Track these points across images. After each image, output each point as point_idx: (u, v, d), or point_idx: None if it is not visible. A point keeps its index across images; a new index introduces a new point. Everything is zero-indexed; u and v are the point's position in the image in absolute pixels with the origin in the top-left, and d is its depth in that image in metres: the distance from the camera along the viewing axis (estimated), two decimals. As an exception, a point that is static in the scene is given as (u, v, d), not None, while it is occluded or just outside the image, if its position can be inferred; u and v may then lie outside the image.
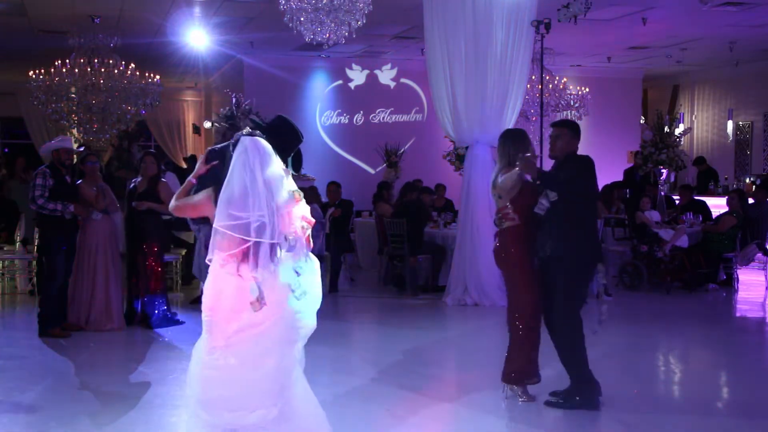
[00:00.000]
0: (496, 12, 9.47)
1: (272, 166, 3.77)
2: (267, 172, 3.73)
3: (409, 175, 14.68)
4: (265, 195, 3.70)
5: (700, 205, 12.22)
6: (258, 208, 3.68)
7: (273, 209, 3.71)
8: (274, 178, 3.74)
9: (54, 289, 7.73)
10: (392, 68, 16.73)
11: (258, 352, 3.74)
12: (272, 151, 3.83)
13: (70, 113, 14.15)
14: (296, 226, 3.81)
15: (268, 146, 3.82)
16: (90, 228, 8.03)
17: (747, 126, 16.88)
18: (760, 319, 9.93)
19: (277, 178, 3.76)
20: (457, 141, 10.21)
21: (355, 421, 5.22)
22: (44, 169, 7.72)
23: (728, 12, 11.72)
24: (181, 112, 20.79)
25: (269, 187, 3.72)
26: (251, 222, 3.67)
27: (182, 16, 12.14)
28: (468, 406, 5.60)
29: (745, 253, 11.13)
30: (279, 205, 3.72)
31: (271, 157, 3.80)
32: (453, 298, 9.69)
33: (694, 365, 7.46)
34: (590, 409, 5.44)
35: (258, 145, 3.79)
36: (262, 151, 3.78)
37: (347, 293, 10.71)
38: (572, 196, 5.41)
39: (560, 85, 14.62)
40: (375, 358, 7.16)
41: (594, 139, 17.34)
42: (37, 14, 12.29)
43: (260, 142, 3.82)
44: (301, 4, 8.60)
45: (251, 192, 3.68)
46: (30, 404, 5.59)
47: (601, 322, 6.30)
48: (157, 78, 14.37)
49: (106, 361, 7.14)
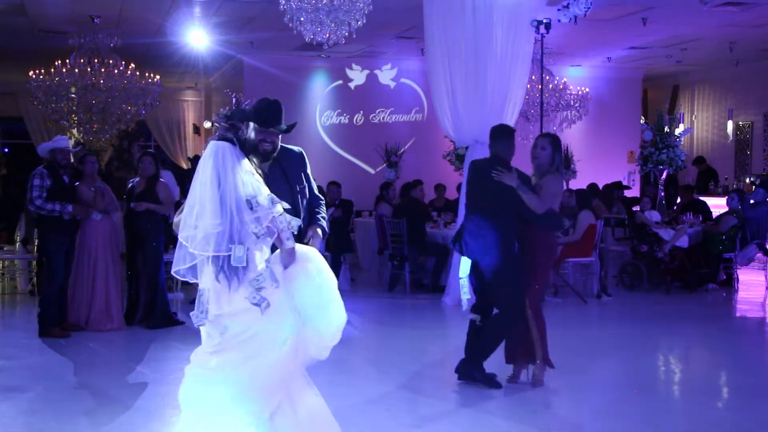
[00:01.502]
0: (496, 12, 9.46)
1: (236, 173, 3.55)
2: (229, 179, 3.54)
3: (409, 175, 14.68)
4: (219, 204, 3.51)
5: (700, 205, 12.22)
6: (213, 217, 3.49)
7: (231, 218, 3.50)
8: (234, 186, 3.54)
9: (54, 289, 7.73)
10: (392, 68, 16.72)
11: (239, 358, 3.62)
12: (234, 157, 3.59)
13: (70, 113, 14.16)
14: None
15: (229, 151, 3.59)
16: (90, 228, 8.03)
17: (747, 126, 16.88)
18: (760, 319, 9.92)
19: (238, 186, 3.54)
20: (457, 141, 10.20)
21: (355, 421, 5.22)
22: (41, 170, 7.71)
23: (728, 12, 11.72)
24: (181, 112, 20.78)
25: (227, 196, 3.51)
26: (196, 234, 3.51)
27: (182, 16, 12.14)
28: (468, 406, 5.60)
29: (745, 253, 11.13)
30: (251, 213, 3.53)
31: (234, 163, 3.57)
32: (453, 298, 9.69)
33: (694, 365, 7.46)
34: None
35: (218, 151, 3.57)
36: (221, 157, 3.56)
37: (347, 293, 10.69)
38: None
39: (560, 85, 14.62)
40: (375, 358, 7.17)
41: (594, 139, 17.37)
42: (37, 14, 12.29)
43: (220, 147, 3.59)
44: (301, 4, 8.60)
45: (198, 201, 3.52)
46: (29, 404, 5.59)
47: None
48: (157, 78, 14.37)
49: (106, 361, 7.13)
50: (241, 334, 3.60)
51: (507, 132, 6.16)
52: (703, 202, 12.41)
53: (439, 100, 10.05)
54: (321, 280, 3.84)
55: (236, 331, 3.60)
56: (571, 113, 14.88)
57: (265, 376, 3.62)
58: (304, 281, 3.76)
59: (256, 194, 3.55)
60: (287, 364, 3.69)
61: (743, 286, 11.32)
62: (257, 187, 3.58)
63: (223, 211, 3.51)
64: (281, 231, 3.60)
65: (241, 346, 3.60)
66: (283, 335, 3.65)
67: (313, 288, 3.81)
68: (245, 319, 3.59)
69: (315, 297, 3.83)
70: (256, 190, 3.57)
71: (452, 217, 11.35)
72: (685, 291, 10.83)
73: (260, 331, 3.60)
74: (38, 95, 13.81)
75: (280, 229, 3.60)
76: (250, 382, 3.58)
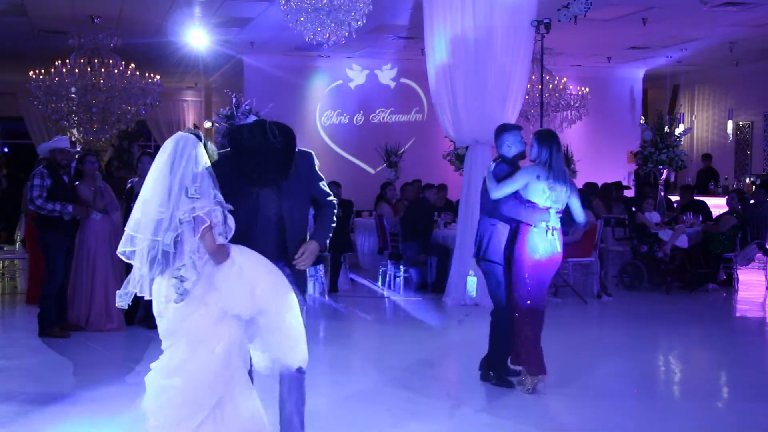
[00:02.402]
0: (496, 12, 9.46)
1: (188, 165, 3.65)
2: (181, 169, 3.64)
3: (409, 175, 14.68)
4: (168, 192, 3.62)
5: (701, 205, 12.21)
6: (158, 204, 3.62)
7: (174, 206, 3.61)
8: (183, 177, 3.63)
9: (54, 289, 7.72)
10: (392, 68, 16.73)
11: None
12: (193, 149, 3.69)
13: (70, 113, 14.15)
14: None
15: (190, 143, 3.70)
16: (89, 228, 8.02)
17: (747, 126, 16.88)
18: (760, 319, 9.92)
19: (186, 176, 3.64)
20: (457, 141, 10.20)
21: (355, 421, 5.22)
22: (41, 170, 7.70)
23: (728, 12, 11.72)
24: (181, 112, 20.78)
25: (175, 184, 3.62)
26: (141, 218, 3.65)
27: (182, 16, 12.14)
28: (468, 406, 5.60)
29: (745, 253, 11.13)
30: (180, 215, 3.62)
31: (190, 155, 3.67)
32: (453, 298, 9.69)
33: (694, 365, 7.46)
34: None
35: (179, 141, 3.70)
36: (180, 147, 3.68)
37: (347, 293, 10.71)
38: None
39: (560, 85, 14.62)
40: (375, 358, 7.17)
41: (594, 139, 17.37)
42: (37, 14, 12.29)
43: (182, 137, 3.72)
44: (301, 4, 8.60)
45: (151, 187, 3.66)
46: (29, 404, 5.58)
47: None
48: (157, 78, 14.37)
49: (106, 361, 7.13)
50: (170, 336, 3.71)
51: (498, 130, 6.23)
52: (703, 202, 12.40)
53: (439, 100, 10.05)
54: (287, 319, 3.82)
55: (166, 329, 3.72)
56: (571, 113, 14.89)
57: (195, 381, 3.67)
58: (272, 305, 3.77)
59: (200, 186, 3.64)
60: (218, 368, 3.69)
61: (743, 286, 11.32)
62: (207, 182, 3.66)
63: (170, 199, 3.62)
64: (214, 225, 3.65)
65: (172, 349, 3.71)
66: (216, 339, 3.68)
67: (276, 316, 3.80)
68: (173, 318, 3.68)
69: (275, 327, 3.80)
70: (203, 184, 3.65)
71: (452, 217, 11.35)
72: (685, 291, 10.82)
73: (189, 329, 3.67)
74: (38, 95, 13.81)
75: (213, 223, 3.64)
76: (183, 385, 3.66)
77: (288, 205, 4.03)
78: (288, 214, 4.04)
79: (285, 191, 4.02)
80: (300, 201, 4.09)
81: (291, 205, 4.04)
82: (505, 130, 6.23)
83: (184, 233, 3.62)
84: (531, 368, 5.80)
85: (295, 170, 4.00)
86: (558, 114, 14.77)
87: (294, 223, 4.06)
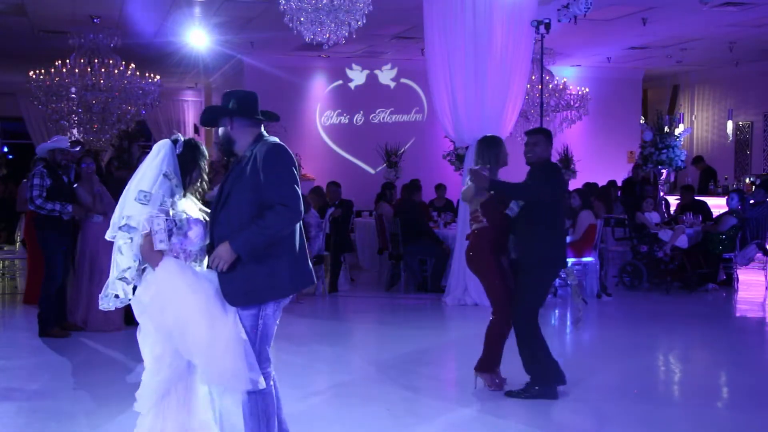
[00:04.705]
0: (496, 12, 9.46)
1: (148, 168, 3.87)
2: (140, 172, 3.88)
3: (409, 175, 14.69)
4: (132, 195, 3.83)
5: (701, 205, 12.21)
6: (121, 207, 3.86)
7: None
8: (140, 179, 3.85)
9: (53, 289, 7.72)
10: (392, 68, 16.73)
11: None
12: (162, 155, 3.88)
13: (70, 113, 14.16)
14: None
15: (163, 149, 3.90)
16: (91, 230, 8.02)
17: (747, 126, 16.88)
18: (760, 319, 9.92)
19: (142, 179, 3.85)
20: (457, 141, 10.20)
21: (355, 421, 5.22)
22: (41, 170, 7.70)
23: (728, 12, 11.72)
24: (181, 112, 20.80)
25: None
26: (113, 219, 3.91)
27: (182, 16, 12.14)
28: (468, 406, 5.59)
29: (745, 253, 11.12)
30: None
31: (156, 160, 3.87)
32: (453, 298, 9.69)
33: (694, 365, 7.46)
34: (550, 399, 5.62)
35: (156, 148, 3.91)
36: (153, 153, 3.89)
37: (347, 293, 10.71)
38: (537, 202, 5.61)
39: (560, 85, 14.62)
40: (375, 358, 7.16)
41: (594, 139, 17.38)
42: (37, 14, 12.29)
43: (162, 145, 3.93)
44: (301, 4, 8.60)
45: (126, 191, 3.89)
46: (29, 404, 5.58)
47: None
48: (157, 78, 14.37)
49: (106, 361, 7.13)
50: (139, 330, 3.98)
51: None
52: (704, 202, 12.40)
53: (439, 100, 10.05)
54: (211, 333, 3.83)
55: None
56: (571, 113, 14.88)
57: (148, 379, 3.95)
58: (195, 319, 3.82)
59: (152, 192, 3.78)
60: (156, 376, 3.92)
61: (743, 286, 11.32)
62: (165, 188, 3.81)
63: (124, 201, 3.84)
64: (154, 233, 3.76)
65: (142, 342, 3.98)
66: (157, 344, 3.90)
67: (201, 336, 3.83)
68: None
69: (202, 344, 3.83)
70: (155, 190, 3.79)
71: (452, 217, 11.35)
72: (685, 291, 10.82)
73: (143, 328, 3.93)
74: (38, 95, 13.81)
75: (153, 231, 3.75)
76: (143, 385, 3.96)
77: (227, 206, 3.86)
78: (225, 215, 3.85)
79: (225, 193, 3.87)
80: (238, 201, 3.82)
81: (229, 205, 3.85)
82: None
83: (133, 237, 3.79)
84: (486, 372, 5.92)
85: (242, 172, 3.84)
86: (558, 114, 14.77)
87: (220, 225, 3.83)
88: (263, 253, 3.77)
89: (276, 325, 3.97)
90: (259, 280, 3.79)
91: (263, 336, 3.87)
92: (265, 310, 3.85)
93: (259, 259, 3.78)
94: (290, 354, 6.96)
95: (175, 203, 3.82)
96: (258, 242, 3.71)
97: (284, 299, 3.95)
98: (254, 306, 3.83)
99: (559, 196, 5.85)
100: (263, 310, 3.85)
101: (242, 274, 3.78)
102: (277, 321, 3.98)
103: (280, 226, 3.72)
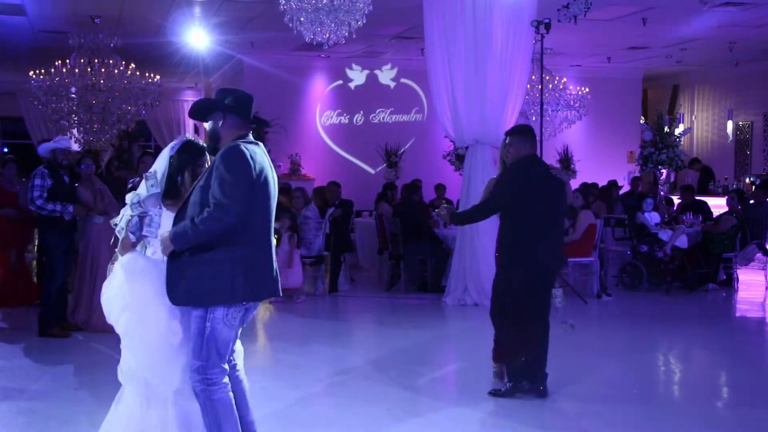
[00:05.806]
0: (496, 12, 9.46)
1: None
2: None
3: (409, 175, 14.69)
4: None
5: (701, 205, 12.21)
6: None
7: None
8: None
9: (54, 289, 7.72)
10: (392, 68, 16.73)
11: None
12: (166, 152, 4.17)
13: (70, 113, 14.16)
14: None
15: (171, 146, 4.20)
16: (92, 230, 8.02)
17: (747, 126, 16.88)
18: (760, 319, 9.93)
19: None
20: (457, 141, 10.20)
21: (355, 421, 5.22)
22: (42, 170, 7.69)
23: (728, 12, 11.72)
24: (181, 112, 20.77)
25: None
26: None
27: (182, 16, 12.14)
28: (468, 406, 5.59)
29: (745, 253, 11.13)
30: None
31: (159, 158, 4.18)
32: (453, 298, 9.69)
33: (694, 365, 7.46)
34: (540, 397, 5.62)
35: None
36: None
37: (347, 293, 10.71)
38: (500, 210, 5.73)
39: (560, 85, 14.62)
40: (375, 358, 7.16)
41: (594, 139, 17.38)
42: (37, 14, 12.29)
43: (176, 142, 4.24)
44: (301, 4, 8.60)
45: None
46: (29, 404, 5.58)
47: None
48: (157, 78, 14.37)
49: (106, 361, 7.11)
50: None
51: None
52: (704, 202, 12.40)
53: (439, 100, 10.05)
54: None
55: None
56: (571, 113, 14.89)
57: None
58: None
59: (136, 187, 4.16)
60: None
61: (743, 286, 11.32)
62: (143, 188, 4.09)
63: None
64: (130, 226, 4.13)
65: None
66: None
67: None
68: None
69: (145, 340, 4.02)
70: (141, 186, 4.09)
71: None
72: (685, 291, 10.82)
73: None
74: (38, 95, 13.81)
75: (131, 223, 4.13)
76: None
77: (186, 203, 3.95)
78: (183, 211, 3.93)
79: (191, 191, 3.97)
80: (193, 198, 3.89)
81: (187, 202, 3.94)
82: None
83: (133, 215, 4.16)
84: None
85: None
86: (558, 114, 14.77)
87: (179, 221, 3.90)
88: (208, 256, 3.78)
89: (235, 333, 3.89)
90: (202, 282, 3.77)
91: (210, 340, 3.80)
92: (213, 313, 3.79)
93: (204, 262, 3.78)
94: (290, 354, 6.96)
95: (144, 203, 4.05)
96: (190, 237, 3.74)
97: (240, 307, 3.84)
98: (200, 309, 3.81)
99: (522, 197, 5.59)
100: (211, 313, 3.79)
101: (186, 274, 3.80)
102: (239, 330, 3.92)
103: (210, 224, 3.70)
